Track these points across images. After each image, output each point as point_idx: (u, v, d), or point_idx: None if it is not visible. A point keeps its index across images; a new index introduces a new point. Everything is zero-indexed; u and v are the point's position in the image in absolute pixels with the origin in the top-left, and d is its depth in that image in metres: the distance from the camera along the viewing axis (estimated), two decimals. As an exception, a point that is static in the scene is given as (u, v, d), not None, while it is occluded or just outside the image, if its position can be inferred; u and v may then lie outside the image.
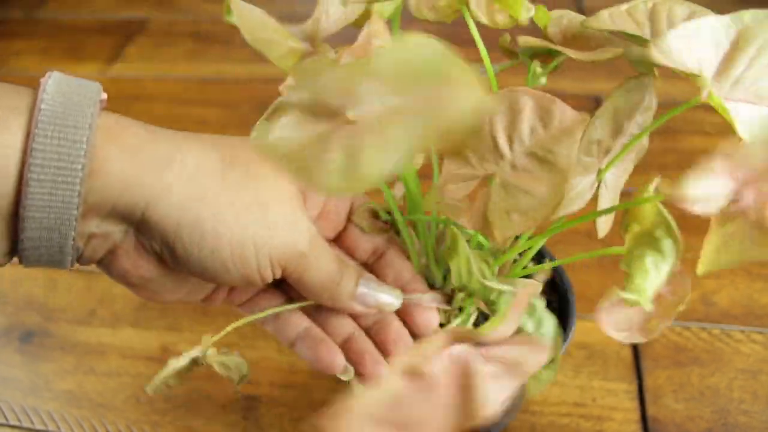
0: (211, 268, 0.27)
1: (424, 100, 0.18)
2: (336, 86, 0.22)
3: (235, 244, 0.26)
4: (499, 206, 0.26)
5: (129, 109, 0.77)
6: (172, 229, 0.26)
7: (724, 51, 0.25)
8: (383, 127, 0.19)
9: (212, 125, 0.73)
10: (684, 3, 0.28)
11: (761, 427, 0.44)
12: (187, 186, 0.26)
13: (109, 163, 0.24)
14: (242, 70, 0.81)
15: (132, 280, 0.28)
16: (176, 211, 0.26)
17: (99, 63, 0.85)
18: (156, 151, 0.26)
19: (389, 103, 0.20)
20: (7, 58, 0.88)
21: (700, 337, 0.49)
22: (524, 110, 0.25)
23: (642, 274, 0.23)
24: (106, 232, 0.26)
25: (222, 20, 0.30)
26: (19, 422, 0.46)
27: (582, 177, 0.28)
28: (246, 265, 0.27)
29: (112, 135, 0.25)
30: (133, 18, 0.95)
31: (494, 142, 0.26)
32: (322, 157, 0.21)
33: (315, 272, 0.29)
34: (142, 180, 0.25)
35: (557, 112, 0.25)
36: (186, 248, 0.26)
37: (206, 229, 0.26)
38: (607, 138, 0.28)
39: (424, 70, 0.19)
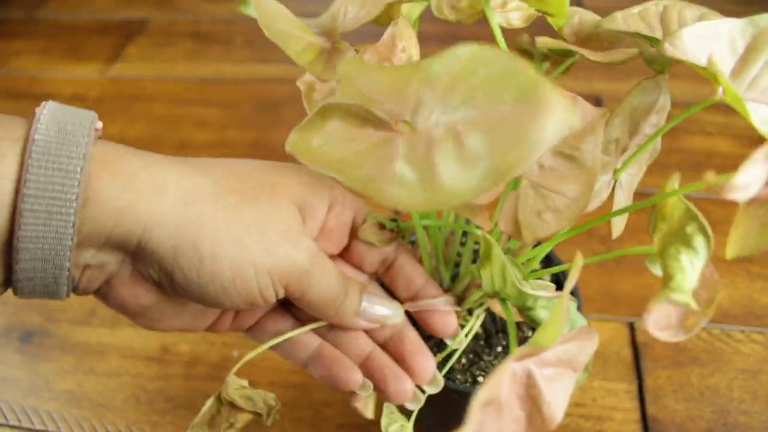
0: (212, 293, 0.26)
1: (511, 115, 0.17)
2: (386, 90, 0.21)
3: (235, 266, 0.26)
4: (529, 207, 0.25)
5: (129, 109, 0.77)
6: (170, 255, 0.25)
7: (739, 52, 0.24)
8: (459, 139, 0.18)
9: (212, 125, 0.73)
10: (693, 6, 0.28)
11: (761, 427, 0.44)
12: (183, 211, 0.26)
13: (103, 192, 0.24)
14: (242, 70, 0.81)
15: (130, 308, 0.28)
16: (173, 237, 0.25)
17: (99, 63, 0.85)
18: (150, 177, 0.26)
19: (463, 115, 0.19)
20: (8, 58, 0.88)
21: (700, 337, 0.49)
22: None
23: (681, 272, 0.23)
24: (101, 263, 0.26)
25: (222, 20, 0.29)
26: (18, 422, 0.46)
27: (600, 175, 0.28)
28: (247, 287, 0.27)
29: (106, 164, 0.25)
30: (133, 18, 0.95)
31: None
32: (387, 168, 0.20)
33: (318, 289, 0.28)
34: (136, 207, 0.25)
35: (578, 110, 0.25)
36: (185, 274, 0.26)
37: (204, 253, 0.26)
38: (624, 137, 0.28)
39: (509, 85, 0.18)
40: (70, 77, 0.83)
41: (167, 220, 0.25)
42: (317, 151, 0.22)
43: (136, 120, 0.75)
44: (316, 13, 0.32)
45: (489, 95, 0.18)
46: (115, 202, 0.24)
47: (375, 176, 0.20)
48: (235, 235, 0.26)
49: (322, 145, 0.22)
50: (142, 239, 0.25)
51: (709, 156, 0.66)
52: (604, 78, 0.75)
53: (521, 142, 0.17)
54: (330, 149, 0.22)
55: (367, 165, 0.20)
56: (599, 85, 0.74)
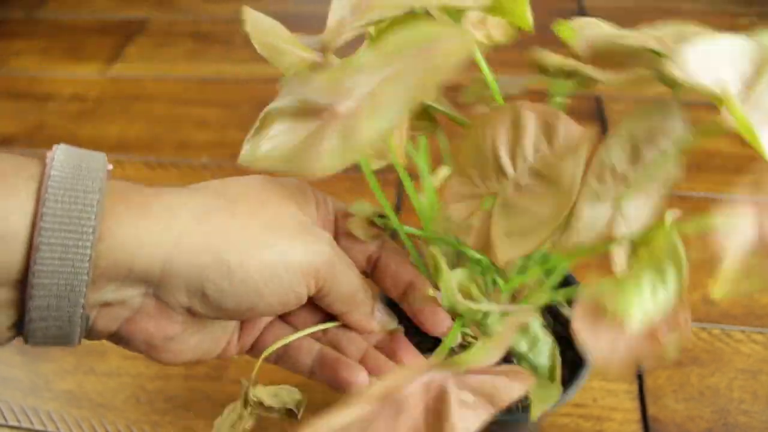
0: (245, 300, 0.26)
1: (414, 57, 0.18)
2: (324, 86, 0.22)
3: (264, 267, 0.26)
4: (499, 227, 0.24)
5: (129, 109, 0.77)
6: (197, 273, 0.25)
7: (746, 72, 0.23)
8: (376, 97, 0.19)
9: (212, 125, 0.73)
10: (710, 31, 0.26)
11: (761, 427, 0.44)
12: (200, 227, 0.26)
13: (120, 224, 0.24)
14: (242, 70, 0.81)
15: (157, 343, 0.27)
16: (196, 254, 0.25)
17: (99, 63, 0.85)
18: (162, 203, 0.26)
19: (379, 78, 0.20)
20: (8, 58, 0.88)
21: (700, 337, 0.49)
22: (528, 126, 0.24)
23: (635, 288, 0.21)
24: (123, 299, 0.26)
25: (222, 20, 0.30)
26: (18, 422, 0.46)
27: (593, 204, 0.26)
28: (279, 285, 0.27)
29: (119, 196, 0.25)
30: (133, 18, 0.95)
31: (497, 161, 0.25)
32: (318, 144, 0.20)
33: (343, 282, 0.28)
34: (153, 233, 0.25)
35: (561, 128, 0.24)
36: (217, 287, 0.26)
37: (232, 261, 0.25)
38: (624, 165, 0.26)
39: (416, 37, 0.19)
40: (70, 77, 0.83)
41: (187, 239, 0.25)
42: (266, 155, 0.22)
43: (136, 120, 0.75)
44: (316, 13, 0.32)
45: (399, 54, 0.19)
46: (133, 230, 0.24)
47: (303, 156, 0.21)
48: (256, 237, 0.26)
49: (268, 149, 0.23)
50: (165, 265, 0.25)
51: (709, 156, 0.66)
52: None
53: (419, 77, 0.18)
54: (274, 151, 0.22)
55: (306, 149, 0.21)
56: (599, 85, 0.74)
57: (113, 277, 0.24)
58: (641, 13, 0.88)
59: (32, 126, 0.75)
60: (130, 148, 0.71)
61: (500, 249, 0.24)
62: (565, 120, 0.24)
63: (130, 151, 0.70)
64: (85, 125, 0.75)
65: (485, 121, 0.25)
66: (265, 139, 0.23)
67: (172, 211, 0.26)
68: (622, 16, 0.88)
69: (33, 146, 0.72)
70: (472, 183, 0.25)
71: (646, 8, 0.90)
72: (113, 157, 0.69)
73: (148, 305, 0.26)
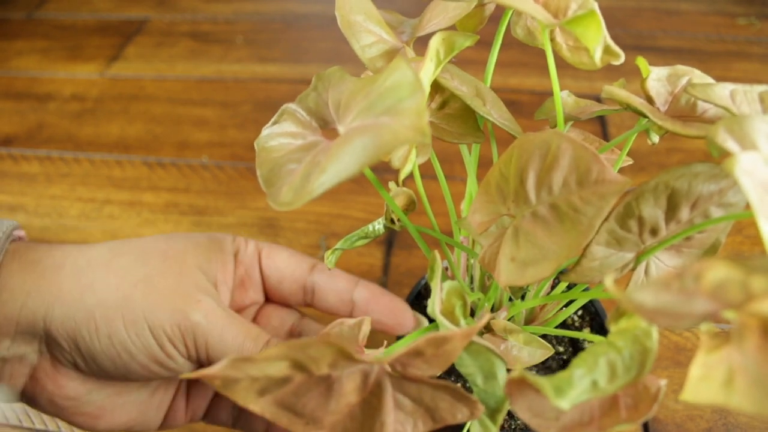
0: (117, 358, 0.26)
1: (369, 127, 0.18)
2: (339, 99, 0.22)
3: (129, 324, 0.26)
4: (507, 251, 0.23)
5: (128, 108, 0.77)
6: (72, 328, 0.26)
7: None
8: (340, 146, 0.19)
9: (211, 125, 0.73)
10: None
11: (761, 427, 0.44)
12: (78, 282, 0.26)
13: (11, 279, 0.26)
14: (242, 70, 0.81)
15: (60, 402, 0.27)
16: (70, 310, 0.26)
17: (99, 63, 0.85)
18: (51, 259, 0.27)
19: (356, 124, 0.20)
20: (8, 58, 0.88)
21: (700, 338, 0.49)
22: (562, 160, 0.23)
23: (585, 367, 0.19)
24: (19, 355, 0.26)
25: (222, 20, 0.29)
26: (19, 422, 0.46)
27: (611, 250, 0.25)
28: (147, 344, 0.26)
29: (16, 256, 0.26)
30: (133, 18, 0.95)
31: (522, 185, 0.24)
32: (290, 170, 0.20)
33: (219, 343, 0.27)
34: (40, 288, 0.26)
35: (595, 171, 0.22)
36: (86, 343, 0.26)
37: (98, 316, 0.26)
38: (656, 218, 0.25)
39: (385, 96, 0.19)
40: (70, 77, 0.83)
41: (65, 295, 0.26)
42: (267, 148, 0.22)
43: (136, 120, 0.75)
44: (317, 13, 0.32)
45: (374, 105, 0.19)
46: (22, 285, 0.26)
47: (277, 177, 0.21)
48: (124, 293, 0.26)
49: (275, 144, 0.22)
50: (46, 319, 0.26)
51: (709, 157, 0.66)
52: (604, 78, 0.75)
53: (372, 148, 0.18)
54: (275, 149, 0.22)
55: (281, 166, 0.21)
56: (599, 84, 0.74)
57: (5, 331, 0.25)
58: (641, 13, 0.88)
59: (32, 126, 0.75)
60: (130, 148, 0.71)
61: (503, 273, 0.23)
62: (601, 164, 0.22)
63: (130, 150, 0.70)
64: (85, 125, 0.75)
65: (524, 143, 0.24)
66: (276, 132, 0.23)
67: (58, 267, 0.27)
68: (623, 17, 0.88)
69: (33, 146, 0.72)
70: (494, 200, 0.25)
71: (646, 8, 0.90)
72: (113, 157, 0.69)
73: (43, 362, 0.27)
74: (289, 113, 0.23)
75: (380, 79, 0.20)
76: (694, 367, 0.17)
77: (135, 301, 0.26)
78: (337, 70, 0.24)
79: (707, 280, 0.15)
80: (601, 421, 0.21)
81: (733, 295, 0.15)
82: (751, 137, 0.19)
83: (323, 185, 0.18)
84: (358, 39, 0.27)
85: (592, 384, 0.19)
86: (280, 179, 0.21)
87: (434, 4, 0.29)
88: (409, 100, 0.18)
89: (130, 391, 0.29)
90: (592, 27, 0.23)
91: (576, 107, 0.32)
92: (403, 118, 0.18)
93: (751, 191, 0.16)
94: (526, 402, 0.20)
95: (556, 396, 0.18)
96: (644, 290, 0.15)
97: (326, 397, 0.20)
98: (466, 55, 0.25)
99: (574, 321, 0.39)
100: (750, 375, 0.15)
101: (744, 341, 0.15)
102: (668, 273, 0.15)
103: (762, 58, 0.78)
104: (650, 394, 0.21)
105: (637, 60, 0.27)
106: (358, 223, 0.58)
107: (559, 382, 0.19)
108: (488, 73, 0.30)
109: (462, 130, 0.29)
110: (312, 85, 0.24)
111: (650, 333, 0.20)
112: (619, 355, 0.20)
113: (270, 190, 0.20)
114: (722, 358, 0.16)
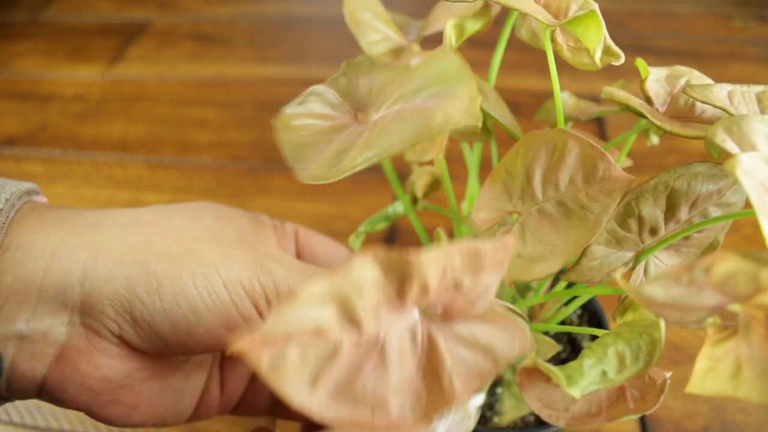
0: (181, 320, 0.22)
1: (419, 108, 0.19)
2: (371, 85, 0.22)
3: (198, 278, 0.22)
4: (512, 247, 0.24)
5: (130, 109, 0.77)
6: (123, 288, 0.21)
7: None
8: (388, 124, 0.19)
9: (213, 126, 0.74)
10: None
11: (758, 425, 0.44)
12: (124, 238, 0.22)
13: (27, 235, 0.21)
14: (243, 71, 0.82)
15: (94, 386, 0.22)
16: (121, 265, 0.21)
17: (101, 64, 0.85)
18: (84, 218, 0.22)
19: (394, 108, 0.20)
20: (11, 59, 0.88)
21: (697, 336, 0.50)
22: (568, 157, 0.23)
23: (595, 358, 0.20)
24: (42, 330, 0.21)
25: (223, 21, 0.30)
26: (22, 419, 0.47)
27: (611, 249, 0.25)
28: (220, 302, 0.22)
29: (34, 212, 0.22)
30: (135, 20, 0.95)
31: (529, 182, 0.24)
32: (321, 148, 0.20)
33: None
34: (69, 245, 0.21)
35: (601, 168, 0.22)
36: (144, 305, 0.21)
37: (158, 271, 0.22)
38: (655, 217, 0.25)
39: (433, 82, 0.19)
40: (73, 78, 0.83)
41: (110, 250, 0.21)
42: (292, 127, 0.22)
43: (138, 120, 0.75)
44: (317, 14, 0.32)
45: (414, 95, 0.19)
46: (44, 243, 0.21)
47: (309, 153, 0.20)
48: (188, 246, 0.22)
49: (300, 125, 0.22)
50: (84, 280, 0.21)
51: (708, 157, 0.66)
52: (602, 79, 0.75)
53: (422, 128, 0.18)
54: (301, 128, 0.22)
55: (312, 143, 0.21)
56: (598, 85, 0.75)
57: (23, 299, 0.20)
58: (639, 15, 0.89)
59: (35, 126, 0.75)
60: (132, 148, 0.71)
61: (509, 269, 0.23)
62: (607, 161, 0.22)
63: (132, 150, 0.71)
64: (87, 125, 0.75)
65: (530, 140, 0.24)
66: (301, 113, 0.23)
67: (94, 225, 0.22)
68: (621, 18, 0.88)
69: (36, 146, 0.72)
70: (500, 197, 0.25)
71: (643, 10, 0.90)
72: (115, 157, 0.70)
73: (76, 337, 0.22)
74: (318, 94, 0.23)
75: (422, 66, 0.20)
76: (700, 359, 0.17)
77: (203, 252, 0.22)
78: (367, 59, 0.24)
79: (717, 272, 0.15)
80: (609, 411, 0.21)
81: (742, 288, 0.15)
82: (749, 137, 0.20)
83: (369, 160, 0.18)
84: (365, 36, 0.27)
85: (601, 374, 0.19)
86: (309, 156, 0.20)
87: (441, 5, 0.30)
88: (460, 84, 0.18)
89: (168, 374, 0.25)
90: (592, 27, 0.24)
91: (576, 108, 0.32)
92: (457, 100, 0.18)
93: (752, 191, 0.17)
94: (537, 392, 0.20)
95: (568, 385, 0.18)
96: (654, 284, 0.16)
97: (382, 368, 0.18)
98: (468, 56, 0.25)
99: (573, 321, 0.40)
100: (757, 366, 0.15)
101: (751, 333, 0.16)
102: (677, 266, 0.16)
103: (758, 59, 0.79)
104: (656, 386, 0.21)
105: (636, 61, 0.28)
106: (357, 222, 0.59)
107: (571, 371, 0.19)
108: (492, 73, 0.31)
109: (469, 127, 0.30)
110: (341, 70, 0.24)
111: (658, 324, 0.20)
112: (627, 346, 0.20)
113: (297, 164, 0.20)
114: (729, 350, 0.16)
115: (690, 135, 0.24)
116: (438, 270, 0.17)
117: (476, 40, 0.30)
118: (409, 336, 0.18)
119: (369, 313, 0.17)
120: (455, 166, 0.64)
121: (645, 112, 0.25)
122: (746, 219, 0.18)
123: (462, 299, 0.18)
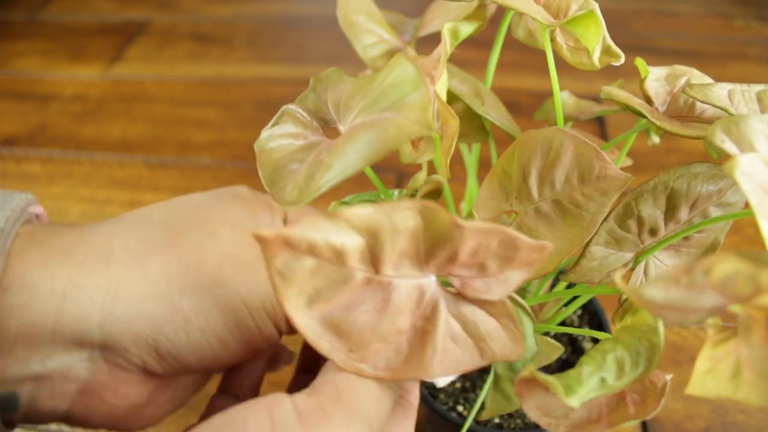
0: (207, 351, 0.22)
1: (374, 123, 0.18)
2: (339, 98, 0.22)
3: (225, 311, 0.21)
4: None
5: (130, 109, 0.77)
6: (147, 328, 0.21)
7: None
8: (345, 143, 0.19)
9: (212, 126, 0.73)
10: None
11: (759, 426, 0.44)
12: (141, 270, 0.21)
13: (32, 273, 0.19)
14: (243, 70, 0.82)
15: (121, 413, 0.22)
16: (144, 306, 0.21)
17: (100, 64, 0.85)
18: (90, 247, 0.21)
19: (359, 120, 0.19)
20: (11, 59, 0.88)
21: (698, 337, 0.50)
22: (564, 155, 0.23)
23: (594, 365, 0.19)
24: (61, 369, 0.20)
25: (223, 21, 0.30)
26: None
27: (610, 250, 0.25)
28: (246, 331, 0.22)
29: (34, 240, 0.20)
30: (134, 19, 0.95)
31: (525, 181, 0.24)
32: (293, 170, 0.20)
33: None
34: (80, 285, 0.20)
35: (597, 167, 0.22)
36: (172, 342, 0.21)
37: (185, 308, 0.21)
38: (655, 218, 0.24)
39: (388, 93, 0.19)
40: (72, 78, 0.83)
41: (129, 288, 0.20)
42: (268, 150, 0.22)
43: (138, 120, 0.75)
44: (317, 14, 0.32)
45: (377, 103, 0.19)
46: (51, 283, 0.19)
47: (284, 176, 0.20)
48: (211, 277, 0.21)
49: (275, 147, 0.22)
50: (105, 324, 0.20)
51: (708, 157, 0.66)
52: (602, 79, 0.75)
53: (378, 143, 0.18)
54: (276, 150, 0.22)
55: (286, 165, 0.21)
56: (598, 85, 0.75)
57: (34, 342, 0.19)
58: (640, 15, 0.89)
59: (34, 126, 0.75)
60: (132, 148, 0.71)
61: None
62: (603, 160, 0.22)
63: (132, 151, 0.71)
64: (87, 125, 0.75)
65: (526, 140, 0.24)
66: (277, 134, 0.22)
67: (104, 256, 0.21)
68: (621, 18, 0.88)
69: (35, 146, 0.72)
70: (497, 197, 0.25)
71: (644, 10, 0.90)
72: (114, 157, 0.69)
73: (99, 373, 0.21)
74: (289, 114, 0.23)
75: (380, 76, 0.20)
76: (700, 360, 0.17)
77: (227, 282, 0.22)
78: (334, 71, 0.24)
79: (717, 273, 0.15)
80: (609, 417, 0.21)
81: (742, 289, 0.15)
82: (748, 137, 0.20)
83: (329, 182, 0.18)
84: (359, 39, 0.27)
85: (600, 381, 0.19)
86: (284, 179, 0.20)
87: (436, 5, 0.30)
88: (413, 94, 0.18)
89: (183, 379, 0.25)
90: (592, 27, 0.24)
91: (576, 108, 0.32)
92: (408, 112, 0.18)
93: (750, 193, 0.17)
94: (536, 401, 0.20)
95: (566, 394, 0.18)
96: (653, 285, 0.16)
97: (381, 312, 0.18)
98: (466, 56, 0.25)
99: (573, 321, 0.39)
100: (757, 367, 0.15)
101: (751, 334, 0.16)
102: (677, 268, 0.15)
103: (758, 59, 0.79)
104: (657, 390, 0.21)
105: (636, 61, 0.28)
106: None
107: (569, 380, 0.19)
108: (489, 74, 0.31)
109: (466, 129, 0.30)
110: (310, 86, 0.24)
111: (656, 329, 0.20)
112: (627, 351, 0.20)
113: (273, 190, 0.20)
114: (729, 351, 0.16)
115: (690, 135, 0.24)
116: (472, 244, 0.17)
117: (476, 40, 0.30)
118: (417, 294, 0.18)
119: (393, 257, 0.17)
120: (454, 167, 0.64)
121: (645, 112, 0.25)
122: (748, 219, 0.18)
123: (480, 283, 0.19)
